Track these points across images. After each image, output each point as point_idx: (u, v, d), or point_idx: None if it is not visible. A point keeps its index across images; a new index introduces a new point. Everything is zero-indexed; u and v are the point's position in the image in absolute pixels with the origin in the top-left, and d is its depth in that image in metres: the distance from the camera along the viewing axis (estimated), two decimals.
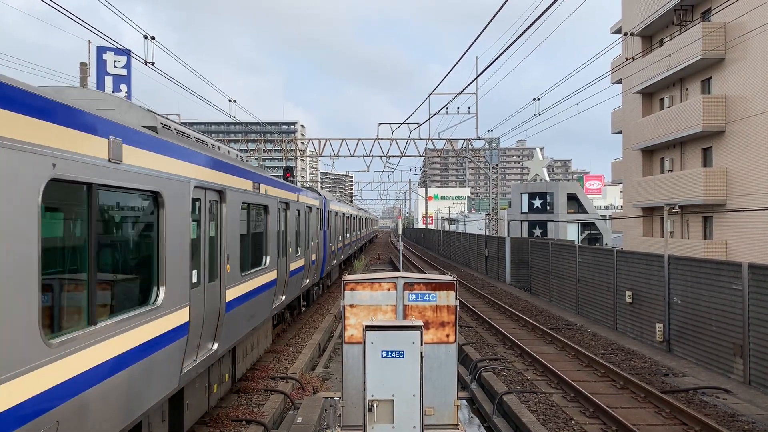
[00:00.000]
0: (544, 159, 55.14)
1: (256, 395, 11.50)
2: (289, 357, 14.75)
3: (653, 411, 10.95)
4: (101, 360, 5.42)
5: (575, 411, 11.01)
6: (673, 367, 14.04)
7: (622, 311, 18.56)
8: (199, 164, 8.16)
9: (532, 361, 14.61)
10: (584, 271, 21.62)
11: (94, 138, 5.38)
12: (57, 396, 4.70)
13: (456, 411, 8.51)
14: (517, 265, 32.13)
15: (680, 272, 15.37)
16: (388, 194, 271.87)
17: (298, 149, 43.61)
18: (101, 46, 31.63)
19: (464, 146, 41.09)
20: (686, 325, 15.07)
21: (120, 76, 32.10)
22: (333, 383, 13.73)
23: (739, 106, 26.33)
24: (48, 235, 4.86)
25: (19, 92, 4.35)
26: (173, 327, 7.12)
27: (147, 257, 6.77)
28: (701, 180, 27.59)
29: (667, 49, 29.99)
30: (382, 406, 7.31)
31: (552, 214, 45.01)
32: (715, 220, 28.21)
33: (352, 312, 8.58)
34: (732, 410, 10.94)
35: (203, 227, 8.42)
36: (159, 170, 6.71)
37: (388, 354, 7.40)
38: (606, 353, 15.49)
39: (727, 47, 26.70)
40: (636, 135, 34.75)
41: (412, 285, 8.65)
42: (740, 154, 26.29)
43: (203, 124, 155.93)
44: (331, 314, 21.14)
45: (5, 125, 4.16)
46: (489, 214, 45.17)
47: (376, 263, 49.46)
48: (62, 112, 4.88)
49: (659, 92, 33.95)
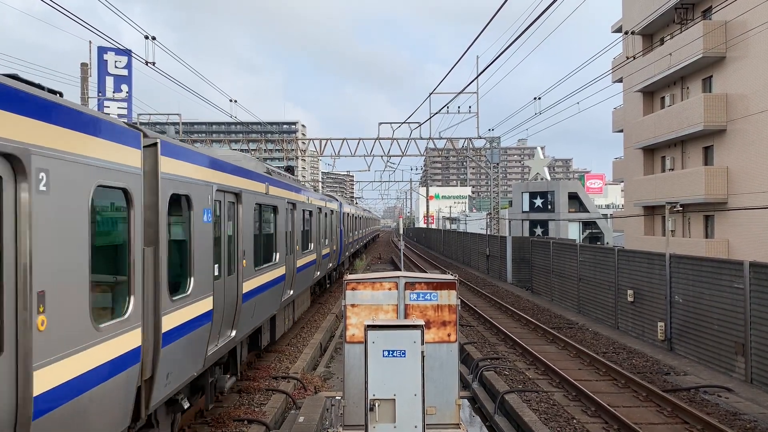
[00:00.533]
0: (545, 158, 55.17)
1: (257, 395, 11.50)
2: (291, 356, 14.75)
3: (655, 410, 10.95)
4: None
5: (577, 410, 11.00)
6: (674, 366, 14.03)
7: (624, 310, 18.55)
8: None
9: (533, 360, 14.61)
10: (585, 270, 21.61)
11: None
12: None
13: (458, 410, 8.51)
14: (518, 264, 32.12)
15: (682, 271, 15.36)
16: (389, 194, 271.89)
17: (299, 149, 43.61)
18: (102, 46, 31.66)
19: (465, 145, 41.07)
20: (688, 323, 15.06)
21: (121, 77, 32.13)
22: (334, 383, 13.73)
23: (740, 104, 26.30)
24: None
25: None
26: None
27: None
28: (702, 179, 27.55)
29: (668, 48, 29.95)
30: (383, 405, 7.32)
31: (553, 213, 45.02)
32: (717, 219, 28.18)
33: (353, 311, 8.58)
34: (734, 409, 10.93)
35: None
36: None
37: (389, 353, 7.41)
38: (607, 352, 15.49)
39: (728, 46, 26.67)
40: (637, 134, 34.72)
41: (413, 284, 8.65)
42: (741, 153, 26.26)
43: (204, 124, 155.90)
44: (332, 314, 21.14)
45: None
46: (490, 214, 45.17)
47: (377, 263, 49.44)
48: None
49: (660, 91, 33.91)
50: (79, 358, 4.92)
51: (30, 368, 4.24)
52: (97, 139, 5.32)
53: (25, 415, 4.22)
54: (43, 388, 4.38)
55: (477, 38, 12.84)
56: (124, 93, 31.22)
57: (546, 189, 46.57)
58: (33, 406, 4.24)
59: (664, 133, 31.15)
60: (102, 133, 5.43)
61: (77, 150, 4.95)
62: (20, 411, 4.20)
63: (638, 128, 34.60)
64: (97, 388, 5.21)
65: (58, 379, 4.61)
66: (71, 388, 4.78)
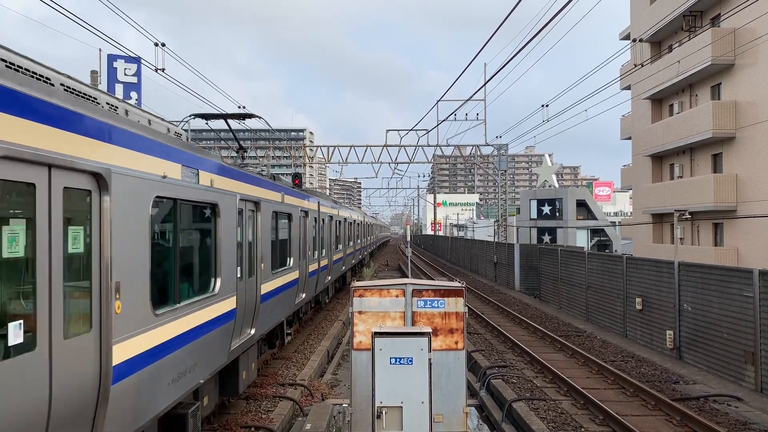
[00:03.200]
0: (553, 165, 55.03)
1: (264, 401, 11.50)
2: (298, 363, 14.75)
3: (664, 419, 10.87)
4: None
5: (585, 418, 10.94)
6: (683, 375, 13.94)
7: (632, 318, 18.45)
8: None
9: (541, 368, 14.54)
10: (594, 277, 21.52)
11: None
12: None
13: (465, 418, 8.48)
14: (526, 271, 32.01)
15: (690, 279, 15.27)
16: (396, 201, 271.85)
17: (306, 156, 43.73)
18: (112, 54, 31.88)
19: (473, 153, 41.07)
20: (697, 332, 14.97)
21: (130, 84, 32.33)
22: (342, 390, 13.71)
23: (749, 111, 26.19)
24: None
25: None
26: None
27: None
28: (711, 186, 27.42)
29: (676, 55, 29.89)
30: (390, 412, 7.31)
31: (561, 220, 44.87)
32: (726, 227, 28.02)
33: (360, 318, 8.58)
34: (744, 418, 10.84)
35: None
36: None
37: (396, 361, 7.41)
38: (616, 360, 15.40)
39: (736, 53, 26.59)
40: (645, 141, 34.62)
41: (420, 292, 8.65)
42: (751, 160, 26.13)
43: (213, 131, 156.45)
44: (339, 320, 21.13)
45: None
46: (498, 221, 45.08)
47: (384, 270, 49.39)
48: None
49: (668, 98, 33.82)
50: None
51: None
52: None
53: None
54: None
55: (484, 47, 12.87)
56: (133, 100, 31.39)
57: (554, 196, 46.42)
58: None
59: (673, 140, 31.05)
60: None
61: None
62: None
63: (646, 135, 34.49)
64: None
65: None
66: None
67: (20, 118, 4.27)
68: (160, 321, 6.40)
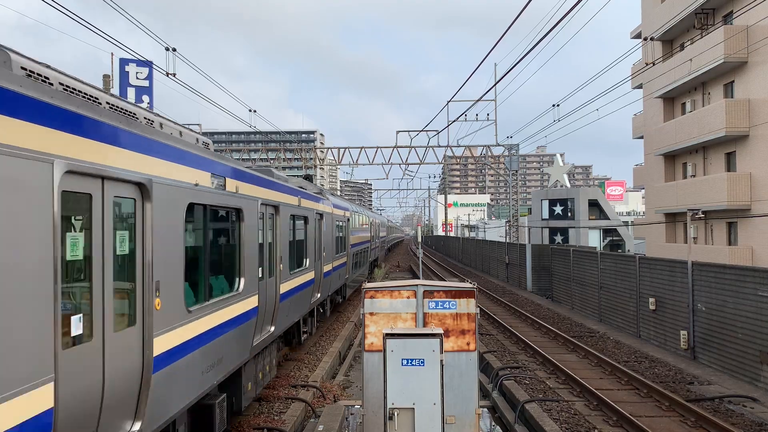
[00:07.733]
0: (565, 165, 54.72)
1: (277, 403, 11.54)
2: (310, 365, 14.78)
3: (678, 420, 10.79)
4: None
5: (598, 420, 10.88)
6: (698, 375, 13.83)
7: (646, 318, 18.33)
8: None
9: (554, 369, 14.48)
10: (606, 278, 21.40)
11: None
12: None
13: (477, 419, 8.46)
14: (538, 272, 31.89)
15: (704, 279, 15.15)
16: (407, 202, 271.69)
17: (317, 158, 43.82)
18: (123, 58, 32.14)
19: (483, 153, 40.98)
20: (711, 332, 14.84)
21: (142, 88, 32.55)
22: (354, 391, 13.72)
23: (762, 109, 25.95)
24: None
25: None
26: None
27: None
28: (725, 185, 27.18)
29: (688, 54, 29.68)
30: (402, 414, 7.30)
31: (573, 220, 44.62)
32: (740, 226, 27.77)
33: (371, 320, 8.59)
34: (759, 419, 10.74)
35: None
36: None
37: (408, 362, 7.40)
38: (629, 361, 15.31)
39: (749, 50, 26.36)
40: (658, 140, 34.39)
41: (431, 293, 8.64)
42: (765, 159, 25.88)
43: (224, 133, 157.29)
44: (351, 322, 21.15)
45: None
46: (509, 221, 44.91)
47: (395, 271, 49.38)
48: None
49: (681, 97, 33.59)
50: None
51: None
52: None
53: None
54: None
55: (494, 47, 12.86)
56: (145, 104, 31.61)
57: (566, 196, 46.15)
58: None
59: (685, 139, 30.82)
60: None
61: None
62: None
63: (659, 134, 34.26)
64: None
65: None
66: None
67: (82, 137, 4.79)
68: (192, 317, 6.91)
